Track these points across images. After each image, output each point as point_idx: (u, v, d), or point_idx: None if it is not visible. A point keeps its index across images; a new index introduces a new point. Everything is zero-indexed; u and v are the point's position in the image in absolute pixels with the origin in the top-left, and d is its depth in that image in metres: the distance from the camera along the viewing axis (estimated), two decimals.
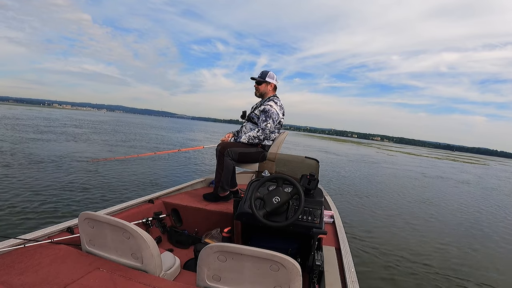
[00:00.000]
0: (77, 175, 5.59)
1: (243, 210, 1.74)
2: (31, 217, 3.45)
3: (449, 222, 5.63)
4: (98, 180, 5.42)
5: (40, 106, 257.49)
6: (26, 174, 5.25)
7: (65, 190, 4.56)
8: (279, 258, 1.09)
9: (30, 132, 12.25)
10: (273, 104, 2.60)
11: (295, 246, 1.75)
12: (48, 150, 8.09)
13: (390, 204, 6.46)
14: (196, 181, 3.00)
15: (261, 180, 1.75)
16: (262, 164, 2.58)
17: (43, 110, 66.20)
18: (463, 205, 7.48)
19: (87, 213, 1.35)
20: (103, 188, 4.92)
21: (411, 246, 3.99)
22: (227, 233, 2.13)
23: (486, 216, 6.52)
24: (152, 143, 14.09)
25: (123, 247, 1.31)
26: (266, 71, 2.67)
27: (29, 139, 10.05)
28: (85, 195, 4.50)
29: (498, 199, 9.26)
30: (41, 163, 6.29)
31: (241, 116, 2.81)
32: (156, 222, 2.23)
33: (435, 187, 10.29)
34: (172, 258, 1.58)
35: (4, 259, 1.23)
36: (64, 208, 3.85)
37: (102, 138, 13.48)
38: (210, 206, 2.40)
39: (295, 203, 1.70)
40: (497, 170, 26.16)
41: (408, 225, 4.98)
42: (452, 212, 6.55)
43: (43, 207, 3.78)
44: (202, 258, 1.18)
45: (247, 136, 2.57)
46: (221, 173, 2.49)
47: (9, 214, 3.47)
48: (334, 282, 1.35)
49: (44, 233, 1.48)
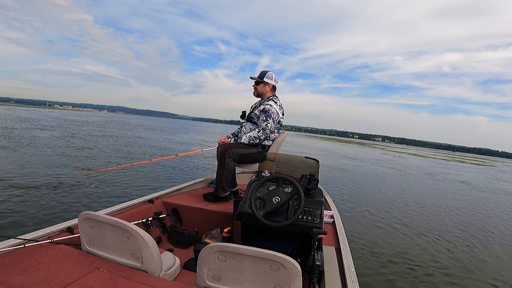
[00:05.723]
0: (67, 184, 4.99)
1: (243, 210, 1.74)
2: (31, 217, 3.45)
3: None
4: (92, 186, 5.04)
5: (41, 107, 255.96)
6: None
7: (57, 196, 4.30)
8: (279, 258, 1.09)
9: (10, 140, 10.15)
10: (272, 103, 2.61)
11: (295, 246, 1.75)
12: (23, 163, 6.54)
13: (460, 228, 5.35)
14: (196, 181, 3.00)
15: (261, 180, 1.75)
16: (262, 164, 2.58)
17: (43, 111, 65.21)
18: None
19: (87, 213, 1.35)
20: (98, 195, 4.70)
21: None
22: (227, 233, 2.13)
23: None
24: (145, 148, 12.31)
25: (123, 247, 1.31)
26: (265, 71, 2.68)
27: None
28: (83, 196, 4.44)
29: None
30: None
31: (241, 116, 2.82)
32: (156, 222, 2.23)
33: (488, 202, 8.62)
34: (172, 258, 1.58)
35: (4, 259, 1.23)
36: (60, 211, 3.79)
37: (85, 145, 10.91)
38: (210, 206, 2.40)
39: (295, 203, 1.70)
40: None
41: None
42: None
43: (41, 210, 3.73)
44: (202, 258, 1.18)
45: (247, 137, 2.57)
46: (222, 174, 2.49)
47: (9, 214, 3.48)
48: (334, 282, 1.35)
49: (44, 233, 1.48)
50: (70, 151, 9.00)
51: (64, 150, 9.16)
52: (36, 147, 9.15)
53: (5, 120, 19.89)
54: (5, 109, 48.64)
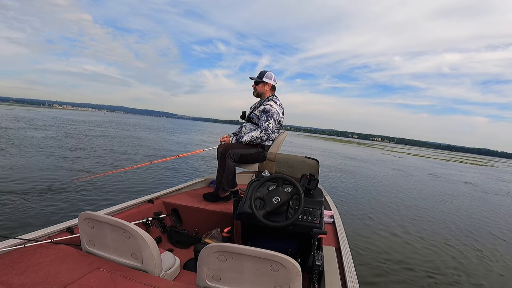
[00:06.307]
0: (64, 188, 4.81)
1: (243, 210, 1.74)
2: (32, 217, 3.45)
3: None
4: (90, 190, 4.87)
5: (40, 106, 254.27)
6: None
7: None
8: (279, 258, 1.09)
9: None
10: (273, 103, 2.61)
11: (295, 246, 1.75)
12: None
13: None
14: (196, 181, 3.00)
15: (261, 180, 1.75)
16: (262, 164, 2.58)
17: (41, 110, 64.32)
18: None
19: (87, 213, 1.35)
20: (98, 194, 4.67)
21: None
22: (227, 233, 2.13)
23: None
24: (145, 149, 11.95)
25: (123, 247, 1.31)
26: (264, 71, 2.68)
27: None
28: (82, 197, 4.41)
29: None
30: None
31: (241, 117, 2.82)
32: (156, 222, 2.23)
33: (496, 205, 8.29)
34: (172, 258, 1.58)
35: (4, 259, 1.23)
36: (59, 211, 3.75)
37: (81, 146, 10.53)
38: (210, 206, 2.40)
39: (295, 203, 1.70)
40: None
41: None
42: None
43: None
44: (202, 258, 1.18)
45: (249, 137, 2.57)
46: (222, 174, 2.49)
47: (9, 214, 3.47)
48: (334, 282, 1.35)
49: (44, 233, 1.48)
50: (67, 153, 8.73)
51: (59, 151, 8.88)
52: (27, 147, 8.84)
53: (5, 120, 19.77)
54: (4, 108, 48.47)
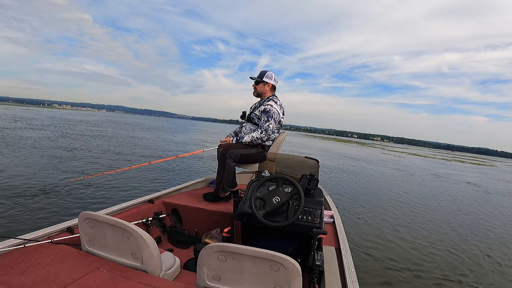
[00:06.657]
0: (61, 190, 4.71)
1: (243, 210, 1.74)
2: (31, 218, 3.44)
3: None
4: (88, 191, 4.79)
5: (39, 106, 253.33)
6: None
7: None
8: (279, 258, 1.09)
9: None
10: (273, 103, 2.61)
11: (295, 246, 1.75)
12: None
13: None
14: (196, 181, 3.00)
15: (261, 180, 1.75)
16: (262, 164, 2.58)
17: (41, 110, 64.12)
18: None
19: (87, 213, 1.35)
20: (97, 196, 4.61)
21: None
22: (227, 233, 2.13)
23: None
24: (145, 149, 11.66)
25: (123, 247, 1.31)
26: (265, 71, 2.68)
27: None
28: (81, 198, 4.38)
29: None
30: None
31: (241, 117, 2.82)
32: (156, 222, 2.23)
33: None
34: (172, 258, 1.58)
35: (4, 259, 1.23)
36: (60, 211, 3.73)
37: (79, 147, 10.32)
38: (210, 206, 2.40)
39: (295, 203, 1.70)
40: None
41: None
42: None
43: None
44: (202, 258, 1.18)
45: (249, 137, 2.57)
46: (223, 174, 2.50)
47: (8, 214, 3.47)
48: (334, 282, 1.35)
49: (44, 233, 1.48)
50: (66, 154, 8.58)
51: (58, 152, 8.73)
52: (24, 147, 8.71)
53: (5, 120, 19.72)
54: (3, 108, 48.37)
